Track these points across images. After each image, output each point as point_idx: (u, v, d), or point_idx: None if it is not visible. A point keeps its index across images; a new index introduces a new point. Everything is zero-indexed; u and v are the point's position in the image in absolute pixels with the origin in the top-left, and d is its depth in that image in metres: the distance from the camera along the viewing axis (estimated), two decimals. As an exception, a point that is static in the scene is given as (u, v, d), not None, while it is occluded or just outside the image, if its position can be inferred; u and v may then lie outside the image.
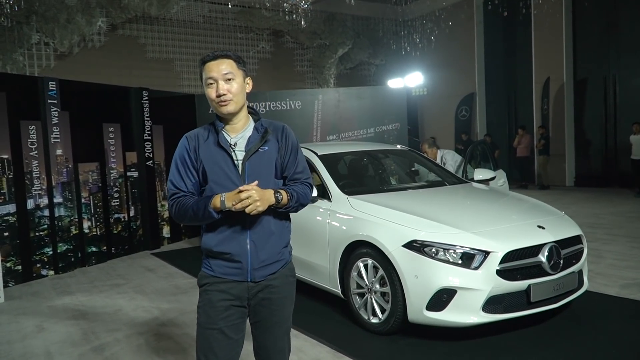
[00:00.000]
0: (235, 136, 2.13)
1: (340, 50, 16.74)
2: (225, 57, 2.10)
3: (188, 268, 6.51)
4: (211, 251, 2.11)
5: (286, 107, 9.62)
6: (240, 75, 2.11)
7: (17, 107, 6.18)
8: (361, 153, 5.81)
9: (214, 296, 2.10)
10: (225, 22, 15.16)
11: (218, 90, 2.05)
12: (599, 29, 13.56)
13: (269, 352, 2.19)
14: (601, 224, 8.09)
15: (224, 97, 2.05)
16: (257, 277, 2.10)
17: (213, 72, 2.06)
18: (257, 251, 2.08)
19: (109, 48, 13.31)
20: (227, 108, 2.07)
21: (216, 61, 2.08)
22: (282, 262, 2.17)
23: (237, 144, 2.12)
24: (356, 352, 3.65)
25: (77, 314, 4.90)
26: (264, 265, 2.10)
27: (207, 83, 2.08)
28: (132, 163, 7.71)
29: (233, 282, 2.09)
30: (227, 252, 2.07)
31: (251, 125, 2.18)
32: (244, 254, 2.07)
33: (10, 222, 6.02)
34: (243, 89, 2.12)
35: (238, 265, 2.08)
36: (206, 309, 2.12)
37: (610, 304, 4.48)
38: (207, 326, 2.10)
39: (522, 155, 14.30)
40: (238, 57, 2.14)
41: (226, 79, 2.06)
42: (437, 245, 3.62)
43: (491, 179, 5.55)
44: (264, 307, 2.14)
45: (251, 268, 2.08)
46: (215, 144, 2.11)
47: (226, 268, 2.09)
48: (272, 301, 2.14)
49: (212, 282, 2.12)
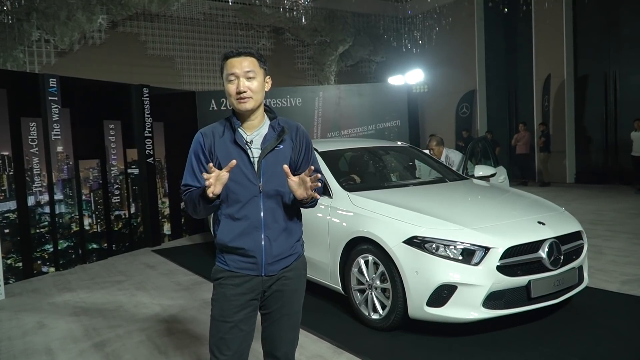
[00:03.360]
0: (251, 134, 2.15)
1: (341, 47, 16.73)
2: (249, 54, 2.11)
3: (189, 265, 6.51)
4: (226, 246, 2.13)
5: (287, 104, 9.63)
6: (262, 73, 2.13)
7: (17, 104, 6.17)
8: (362, 150, 5.81)
9: (228, 290, 2.13)
10: (226, 19, 15.16)
11: (239, 87, 2.07)
12: (599, 26, 13.54)
13: (277, 343, 2.22)
14: (602, 221, 8.09)
15: (244, 95, 2.07)
16: (271, 271, 2.14)
17: (235, 69, 2.07)
18: (271, 246, 2.11)
19: (110, 45, 13.32)
20: (246, 105, 2.08)
21: (239, 58, 2.09)
22: (295, 255, 2.21)
23: (253, 141, 2.14)
24: (357, 348, 3.65)
25: (78, 310, 4.91)
26: (277, 259, 2.14)
27: (228, 79, 2.09)
28: (133, 160, 7.71)
29: (247, 276, 2.13)
30: (242, 247, 2.10)
31: (267, 123, 2.19)
32: (259, 250, 2.10)
33: (11, 219, 6.02)
34: (263, 88, 2.14)
35: (252, 260, 2.11)
36: (220, 302, 2.14)
37: (611, 299, 4.48)
38: (221, 319, 2.13)
39: (522, 152, 14.30)
40: (260, 55, 2.16)
41: (248, 76, 2.08)
42: (437, 241, 3.62)
43: (492, 176, 5.55)
44: (276, 299, 2.18)
45: (265, 263, 2.12)
46: (231, 141, 2.13)
47: (241, 263, 2.12)
48: (284, 293, 2.18)
49: (227, 277, 2.14)
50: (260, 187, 2.09)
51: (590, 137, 13.94)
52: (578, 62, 14.07)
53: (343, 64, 17.52)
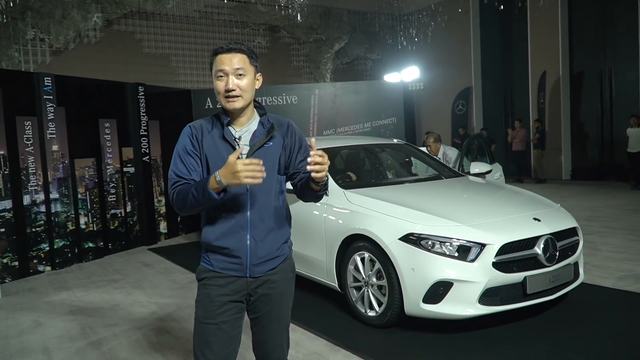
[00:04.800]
0: (240, 129, 2.09)
1: (337, 45, 16.72)
2: (239, 51, 2.03)
3: (185, 263, 6.50)
4: (210, 245, 2.06)
5: (282, 102, 9.62)
6: (252, 71, 2.06)
7: (12, 102, 6.15)
8: (358, 147, 5.81)
9: (212, 291, 2.06)
10: (221, 17, 15.13)
11: (227, 84, 2.00)
12: (594, 23, 13.57)
13: (268, 348, 2.17)
14: (597, 217, 8.12)
15: (233, 93, 2.00)
16: (256, 272, 2.06)
17: (225, 66, 2.01)
18: (256, 247, 2.04)
19: (105, 44, 13.27)
20: (235, 105, 2.01)
21: (229, 54, 2.02)
22: (281, 257, 2.14)
23: (242, 137, 2.07)
24: (353, 346, 3.66)
25: (75, 309, 4.90)
26: (263, 261, 2.07)
27: (217, 75, 2.02)
28: (129, 158, 7.69)
29: (232, 277, 2.06)
30: (226, 247, 2.03)
31: (256, 119, 2.13)
32: (244, 250, 2.03)
33: (7, 218, 6.01)
34: (253, 86, 2.06)
35: (237, 261, 2.04)
36: (204, 303, 2.08)
37: (607, 295, 4.50)
38: (205, 321, 2.07)
39: (518, 149, 14.32)
40: (252, 51, 2.07)
41: (237, 74, 2.01)
42: (433, 238, 3.62)
43: (487, 173, 5.56)
44: (263, 303, 2.11)
45: (250, 264, 2.05)
46: (220, 137, 2.06)
47: (225, 263, 2.05)
48: (272, 297, 2.12)
49: (211, 277, 2.07)
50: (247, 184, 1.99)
51: (586, 133, 13.97)
52: (573, 59, 14.09)
53: (339, 61, 17.50)
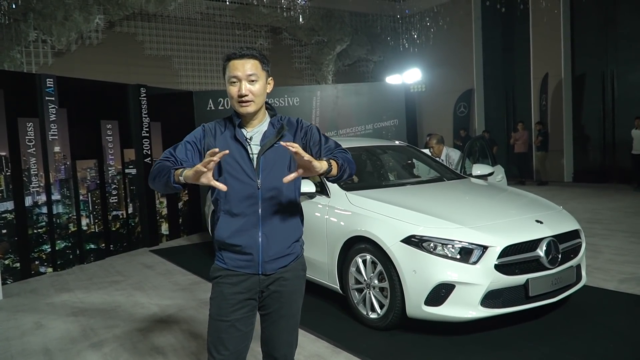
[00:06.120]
0: (251, 130, 2.16)
1: (339, 46, 16.73)
2: (252, 56, 2.09)
3: (187, 265, 6.50)
4: (223, 243, 2.13)
5: (284, 103, 9.62)
6: (264, 76, 2.12)
7: (14, 104, 6.16)
8: (359, 149, 5.81)
9: (225, 289, 2.13)
10: (223, 19, 15.15)
11: (240, 90, 2.06)
12: (597, 24, 13.56)
13: (276, 345, 2.21)
14: (600, 219, 8.10)
15: (246, 98, 2.06)
16: (268, 270, 2.13)
17: (237, 72, 2.06)
18: (268, 244, 2.11)
19: (107, 45, 13.30)
20: (247, 109, 2.08)
21: (242, 60, 2.07)
22: (293, 255, 2.19)
23: (253, 138, 2.14)
24: (355, 348, 3.65)
25: (76, 310, 4.90)
26: (274, 258, 2.13)
27: (231, 81, 2.08)
28: (130, 160, 7.69)
29: (245, 274, 2.12)
30: (239, 244, 2.10)
31: (267, 120, 2.19)
32: (255, 247, 2.10)
33: (9, 220, 6.01)
34: (264, 90, 2.13)
35: (249, 258, 2.10)
36: (218, 301, 2.14)
37: (609, 298, 4.48)
38: (218, 318, 2.12)
39: (520, 151, 14.31)
40: (263, 57, 2.14)
41: (250, 79, 2.06)
42: (435, 240, 3.62)
43: (489, 175, 5.55)
44: (274, 300, 2.17)
45: (262, 261, 2.11)
46: (231, 137, 2.13)
47: (238, 261, 2.12)
48: (282, 294, 2.17)
49: (225, 275, 2.14)
50: (258, 183, 2.09)
51: (588, 136, 13.95)
52: (576, 61, 14.08)
53: (340, 63, 17.51)
